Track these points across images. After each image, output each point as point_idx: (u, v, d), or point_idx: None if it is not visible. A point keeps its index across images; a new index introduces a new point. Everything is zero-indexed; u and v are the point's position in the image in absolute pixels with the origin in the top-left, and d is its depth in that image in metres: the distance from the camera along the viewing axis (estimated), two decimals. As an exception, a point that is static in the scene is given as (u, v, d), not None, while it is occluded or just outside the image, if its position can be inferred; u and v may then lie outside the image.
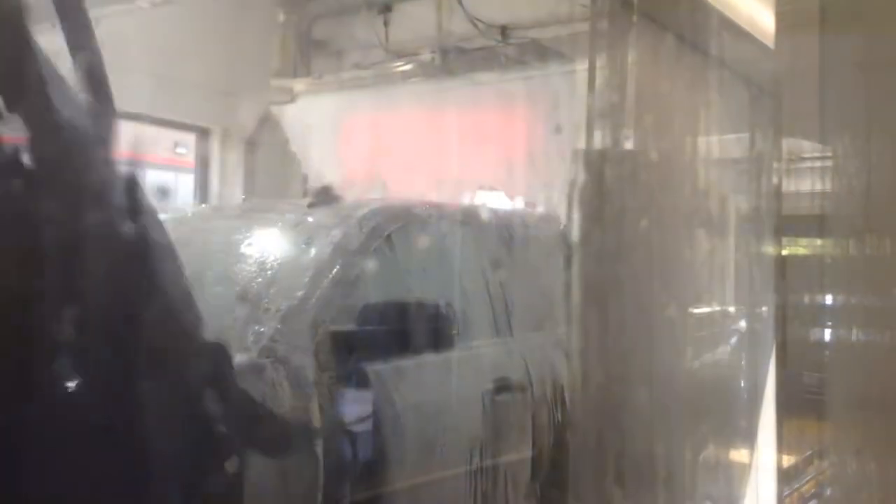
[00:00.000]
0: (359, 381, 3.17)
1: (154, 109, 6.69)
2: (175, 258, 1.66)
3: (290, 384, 2.83)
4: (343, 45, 7.75)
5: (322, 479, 2.84)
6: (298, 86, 7.29)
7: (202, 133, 7.41)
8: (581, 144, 2.77)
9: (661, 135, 2.85)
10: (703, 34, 2.95)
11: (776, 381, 3.26)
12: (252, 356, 2.85)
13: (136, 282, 1.52)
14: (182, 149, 7.52)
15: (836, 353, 2.81)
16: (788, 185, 3.61)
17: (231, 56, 6.89)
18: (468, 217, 4.31)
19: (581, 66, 2.90)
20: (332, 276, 3.24)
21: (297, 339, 2.99)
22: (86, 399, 1.39)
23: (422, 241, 3.84)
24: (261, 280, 3.25)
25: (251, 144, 7.34)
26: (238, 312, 3.07)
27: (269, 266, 3.32)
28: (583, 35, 2.96)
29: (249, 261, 3.39)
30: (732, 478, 3.72)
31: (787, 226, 3.49)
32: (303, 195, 5.75)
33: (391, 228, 3.60)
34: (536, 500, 3.86)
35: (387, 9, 7.15)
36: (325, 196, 3.91)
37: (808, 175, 3.51)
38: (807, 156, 4.01)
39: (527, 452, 3.84)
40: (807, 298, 3.38)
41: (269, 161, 7.21)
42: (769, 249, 3.54)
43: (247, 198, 7.28)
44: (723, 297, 3.98)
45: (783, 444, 3.42)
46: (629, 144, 2.76)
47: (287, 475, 2.78)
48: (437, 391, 3.52)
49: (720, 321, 4.15)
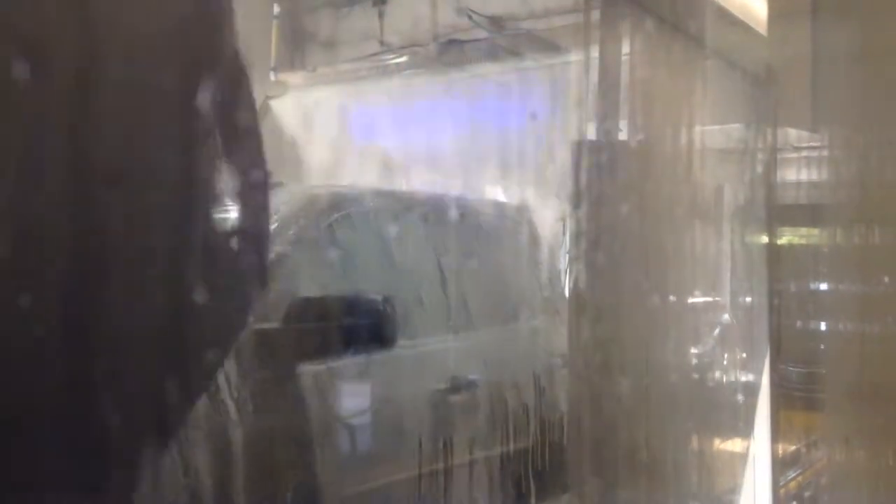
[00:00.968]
0: (285, 387, 2.91)
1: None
2: None
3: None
4: (337, 38, 7.73)
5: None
6: (293, 78, 7.27)
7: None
8: (575, 135, 2.77)
9: (655, 124, 2.84)
10: (697, 23, 2.95)
11: (770, 371, 3.26)
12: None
13: None
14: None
15: (830, 343, 2.82)
16: (781, 175, 3.61)
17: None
18: (423, 205, 4.03)
19: (575, 57, 2.90)
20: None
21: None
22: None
23: (367, 232, 3.57)
24: None
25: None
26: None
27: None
28: (577, 26, 2.96)
29: None
30: (727, 468, 3.72)
31: (781, 216, 3.49)
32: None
33: (332, 218, 3.37)
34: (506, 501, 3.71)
35: (381, 1, 7.12)
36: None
37: (802, 165, 3.51)
38: (803, 145, 4.01)
39: (488, 453, 3.62)
40: (800, 288, 3.39)
41: (265, 153, 7.19)
42: (763, 239, 3.54)
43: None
44: (717, 287, 3.98)
45: (778, 434, 3.42)
46: (623, 135, 2.76)
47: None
48: (376, 394, 3.32)
49: (713, 311, 4.15)
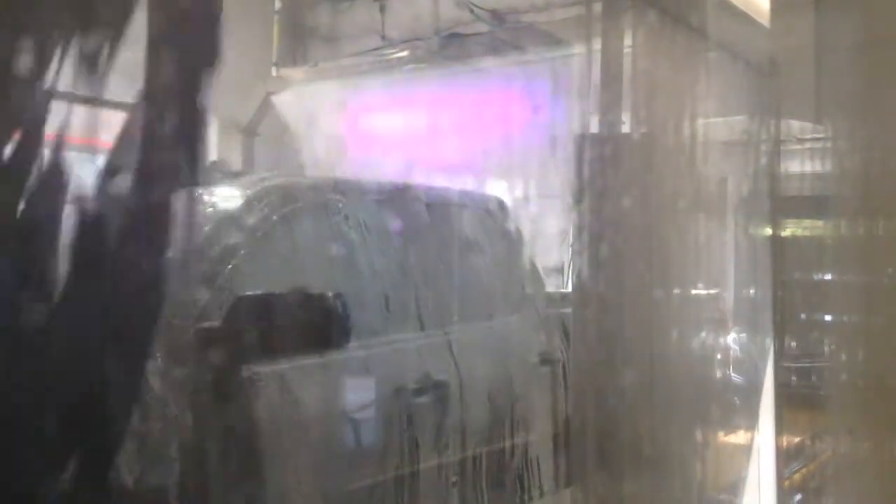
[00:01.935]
0: (228, 390, 2.68)
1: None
2: None
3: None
4: (339, 32, 7.72)
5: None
6: (295, 74, 7.26)
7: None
8: (577, 128, 2.76)
9: (658, 117, 2.84)
10: (699, 14, 2.94)
11: (773, 363, 3.26)
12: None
13: None
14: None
15: (834, 335, 2.82)
16: (785, 167, 3.60)
17: (228, 45, 6.85)
18: (389, 197, 3.75)
19: (578, 50, 2.89)
20: (202, 266, 2.78)
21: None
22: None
23: (324, 224, 3.34)
24: None
25: (249, 133, 7.32)
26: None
27: None
28: (579, 18, 2.95)
29: None
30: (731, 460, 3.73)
31: (785, 207, 3.49)
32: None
33: (286, 209, 3.14)
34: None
35: (383, -5, 7.11)
36: (216, 172, 3.32)
37: (805, 156, 3.50)
38: (807, 136, 4.00)
39: (454, 457, 3.44)
40: (804, 279, 3.38)
41: (267, 149, 7.19)
42: (766, 231, 3.54)
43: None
44: (720, 279, 3.97)
45: (782, 427, 3.42)
46: (626, 127, 2.75)
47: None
48: (328, 396, 3.06)
49: (717, 303, 4.14)
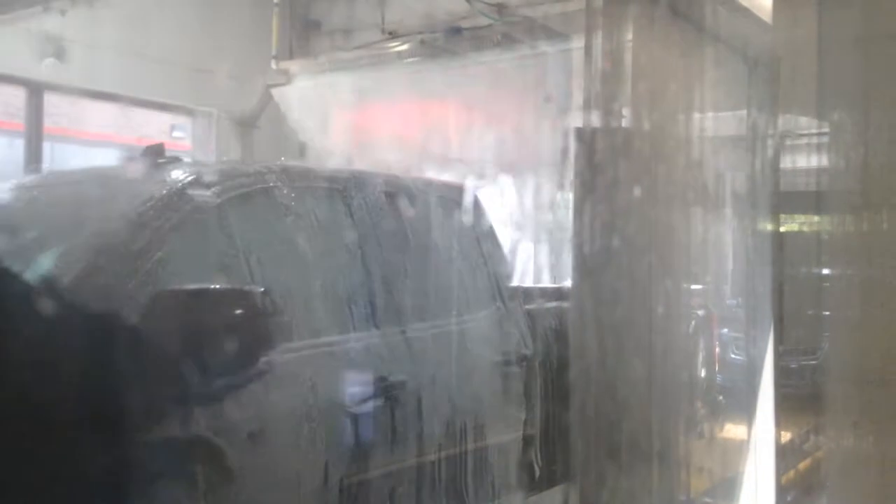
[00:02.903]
0: (143, 392, 2.40)
1: (150, 92, 6.67)
2: None
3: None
4: (339, 26, 7.71)
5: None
6: (295, 67, 7.26)
7: (199, 115, 7.38)
8: (577, 122, 2.75)
9: (658, 111, 2.83)
10: (700, 9, 2.93)
11: (773, 356, 3.26)
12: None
13: None
14: (178, 132, 7.49)
15: (835, 329, 2.82)
16: (786, 161, 3.60)
17: (228, 38, 6.85)
18: (342, 185, 3.43)
19: (579, 44, 2.88)
20: (120, 256, 2.59)
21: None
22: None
23: (263, 214, 3.11)
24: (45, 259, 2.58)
25: (249, 126, 7.32)
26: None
27: (53, 243, 2.69)
28: (579, 13, 2.94)
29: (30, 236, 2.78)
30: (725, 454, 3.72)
31: (786, 202, 3.49)
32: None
33: (223, 198, 2.92)
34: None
35: (383, -12, 7.12)
36: (152, 157, 3.11)
37: (807, 150, 3.50)
38: (808, 132, 3.99)
39: (408, 462, 3.22)
40: (805, 274, 3.38)
41: (267, 141, 7.19)
42: (768, 225, 3.54)
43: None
44: (721, 273, 3.97)
45: (781, 421, 3.42)
46: (626, 121, 2.75)
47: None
48: (244, 403, 2.68)
49: (717, 297, 4.13)
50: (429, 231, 3.74)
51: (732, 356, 5.15)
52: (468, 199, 4.01)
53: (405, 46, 6.62)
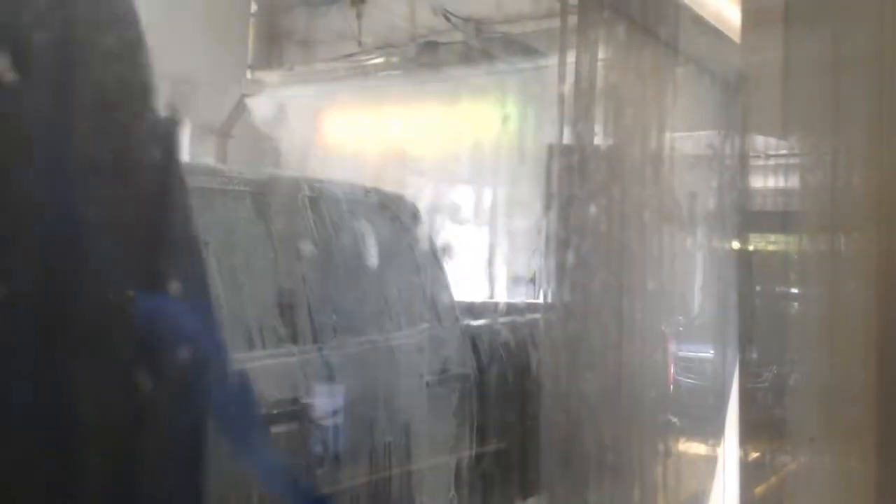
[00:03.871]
0: None
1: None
2: None
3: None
4: (315, 37, 7.72)
5: None
6: (270, 77, 7.26)
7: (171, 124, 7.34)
8: (551, 139, 2.78)
9: (627, 129, 2.86)
10: (670, 29, 2.97)
11: (739, 373, 3.29)
12: None
13: None
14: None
15: (798, 346, 2.85)
16: (752, 182, 3.64)
17: (203, 47, 6.84)
18: (258, 188, 3.24)
19: (551, 61, 2.91)
20: None
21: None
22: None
23: None
24: None
25: (223, 135, 7.30)
26: None
27: None
28: (554, 30, 2.97)
29: None
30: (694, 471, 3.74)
31: (752, 222, 3.52)
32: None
33: None
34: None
35: (360, 0, 7.13)
36: None
37: (772, 171, 3.54)
38: (773, 153, 4.04)
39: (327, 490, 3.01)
40: (770, 292, 3.42)
41: (241, 152, 7.18)
42: (733, 245, 3.57)
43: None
44: (687, 290, 4.00)
45: (748, 437, 3.44)
46: (598, 139, 2.77)
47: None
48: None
49: (683, 314, 4.16)
50: (354, 241, 3.55)
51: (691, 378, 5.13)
52: (406, 210, 3.82)
53: (380, 60, 6.64)
